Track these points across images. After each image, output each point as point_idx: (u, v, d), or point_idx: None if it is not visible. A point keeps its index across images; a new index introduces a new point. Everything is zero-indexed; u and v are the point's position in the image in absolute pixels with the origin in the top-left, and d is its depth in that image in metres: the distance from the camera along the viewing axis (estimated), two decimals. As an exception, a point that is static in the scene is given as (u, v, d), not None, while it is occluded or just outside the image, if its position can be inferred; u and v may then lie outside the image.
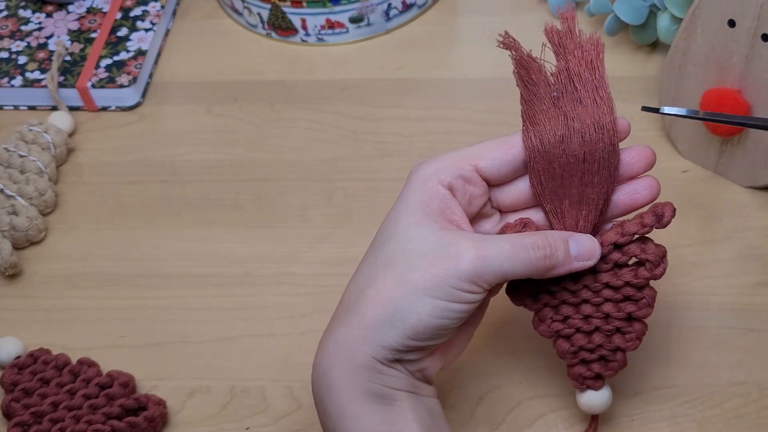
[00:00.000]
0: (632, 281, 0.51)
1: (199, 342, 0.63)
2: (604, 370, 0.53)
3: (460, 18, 0.84)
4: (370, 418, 0.47)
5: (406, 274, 0.47)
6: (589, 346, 0.52)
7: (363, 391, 0.47)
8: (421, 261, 0.47)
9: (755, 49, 0.61)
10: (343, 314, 0.49)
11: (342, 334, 0.48)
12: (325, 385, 0.48)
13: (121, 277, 0.67)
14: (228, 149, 0.75)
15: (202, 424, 0.60)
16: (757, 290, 0.62)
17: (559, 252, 0.49)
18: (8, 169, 0.72)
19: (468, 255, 0.47)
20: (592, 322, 0.52)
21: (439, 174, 0.50)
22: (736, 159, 0.67)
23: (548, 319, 0.52)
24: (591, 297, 0.51)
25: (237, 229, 0.70)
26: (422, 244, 0.48)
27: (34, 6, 0.85)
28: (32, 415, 0.58)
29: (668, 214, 0.50)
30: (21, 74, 0.79)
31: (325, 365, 0.48)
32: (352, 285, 0.50)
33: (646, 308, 0.51)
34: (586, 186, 0.50)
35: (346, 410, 0.47)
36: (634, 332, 0.52)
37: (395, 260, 0.48)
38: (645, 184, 0.51)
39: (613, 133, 0.50)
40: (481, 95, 0.77)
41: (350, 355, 0.47)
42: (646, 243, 0.51)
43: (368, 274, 0.49)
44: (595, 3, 0.77)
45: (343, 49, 0.82)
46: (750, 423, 0.56)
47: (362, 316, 0.48)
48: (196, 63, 0.82)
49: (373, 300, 0.48)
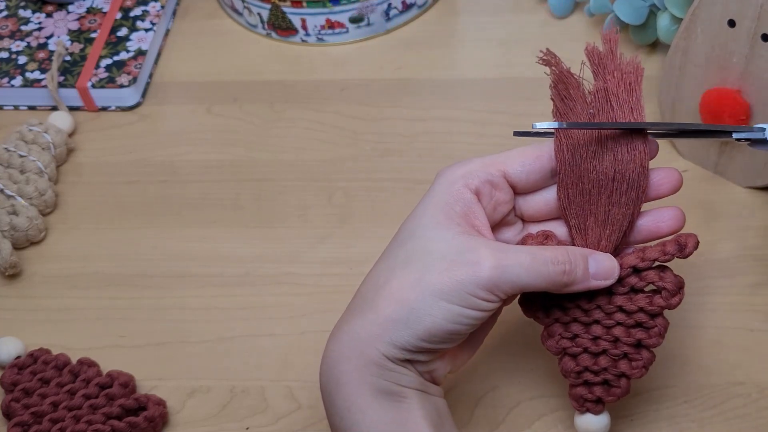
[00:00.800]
0: (646, 308, 0.50)
1: (199, 342, 0.63)
2: (606, 394, 0.52)
3: (460, 18, 0.84)
4: (378, 414, 0.47)
5: (424, 275, 0.47)
6: (595, 368, 0.52)
7: (372, 387, 0.47)
8: (440, 264, 0.47)
9: (755, 49, 0.61)
10: (358, 307, 0.49)
11: (355, 327, 0.48)
12: (334, 378, 0.48)
13: (121, 277, 0.67)
14: (228, 149, 0.75)
15: (202, 424, 0.60)
16: (757, 290, 0.62)
17: (579, 269, 0.49)
18: (8, 169, 0.72)
19: (487, 263, 0.47)
20: (600, 344, 0.51)
21: (467, 177, 0.50)
22: (736, 159, 0.67)
23: (557, 335, 0.52)
24: (603, 318, 0.51)
25: (237, 229, 0.70)
26: (442, 246, 0.48)
27: (34, 6, 0.85)
28: (32, 415, 0.58)
29: (691, 246, 0.50)
30: (21, 74, 0.79)
31: (335, 357, 0.48)
32: (370, 279, 0.50)
33: (656, 337, 0.51)
34: (613, 205, 0.50)
35: (354, 404, 0.47)
36: (642, 360, 0.51)
37: (414, 260, 0.48)
38: (671, 214, 0.51)
39: (644, 155, 0.50)
40: (481, 95, 0.77)
41: (361, 349, 0.48)
42: (665, 271, 0.50)
43: (387, 270, 0.49)
44: (595, 3, 0.77)
45: (343, 49, 0.82)
46: (750, 423, 0.57)
47: (377, 312, 0.48)
48: (196, 63, 0.82)
49: (389, 297, 0.48)
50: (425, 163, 0.72)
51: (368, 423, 0.47)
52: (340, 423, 0.48)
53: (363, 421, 0.47)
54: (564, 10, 0.82)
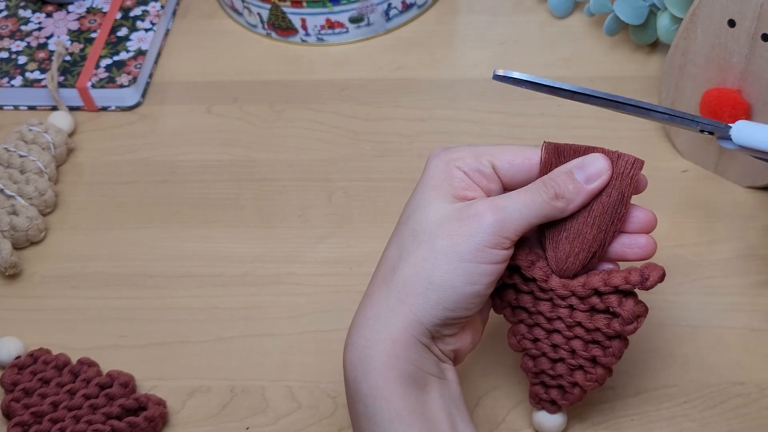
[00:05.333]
0: (603, 329, 0.51)
1: (199, 342, 0.63)
2: (560, 398, 0.54)
3: (460, 18, 0.84)
4: (402, 402, 0.47)
5: (434, 242, 0.48)
6: (551, 372, 0.54)
7: (399, 373, 0.48)
8: (446, 227, 0.49)
9: (755, 49, 0.61)
10: (377, 291, 0.50)
11: (380, 312, 0.49)
12: (362, 364, 0.48)
13: (121, 277, 0.67)
14: (228, 149, 0.75)
15: (202, 424, 0.60)
16: (757, 290, 0.62)
17: (567, 185, 0.50)
18: (8, 169, 0.72)
19: (488, 211, 0.48)
20: (559, 352, 0.53)
21: (457, 161, 0.51)
22: (736, 159, 0.67)
23: (520, 335, 0.54)
24: (563, 329, 0.52)
25: (237, 229, 0.70)
26: (444, 212, 0.49)
27: (34, 6, 0.85)
28: (32, 415, 0.58)
29: (653, 279, 0.50)
30: (21, 74, 0.79)
31: (363, 344, 0.49)
32: (384, 262, 0.51)
33: (611, 357, 0.52)
34: (587, 226, 0.50)
35: (380, 391, 0.47)
36: (596, 375, 0.52)
37: (420, 234, 0.49)
38: (642, 243, 0.51)
39: (628, 184, 0.50)
40: (481, 95, 0.77)
41: (389, 333, 0.48)
42: (627, 298, 0.51)
43: (398, 249, 0.50)
44: (595, 3, 0.77)
45: (343, 49, 0.82)
46: (750, 423, 0.57)
47: (398, 292, 0.49)
48: (196, 63, 0.82)
49: (407, 274, 0.49)
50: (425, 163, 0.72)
51: (392, 410, 0.47)
52: (365, 411, 0.48)
53: (387, 408, 0.47)
54: (564, 10, 0.82)
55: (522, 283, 0.52)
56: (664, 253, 0.65)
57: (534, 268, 0.51)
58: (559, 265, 0.51)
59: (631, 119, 0.73)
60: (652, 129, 0.72)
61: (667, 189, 0.69)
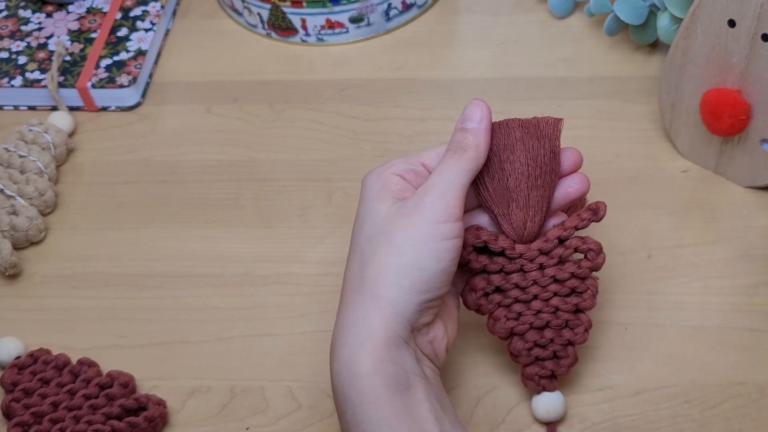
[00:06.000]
0: (576, 272, 0.55)
1: (199, 342, 0.63)
2: (557, 367, 0.56)
3: (460, 18, 0.84)
4: (388, 405, 0.48)
5: (391, 238, 0.51)
6: (542, 341, 0.55)
7: (384, 376, 0.48)
8: (396, 222, 0.51)
9: (755, 49, 0.61)
10: (350, 301, 0.51)
11: (357, 316, 0.50)
12: (348, 371, 0.49)
13: (121, 277, 0.67)
14: (228, 149, 0.75)
15: (202, 424, 0.60)
16: (757, 290, 0.62)
17: (465, 137, 0.54)
18: (8, 169, 0.72)
19: (424, 195, 0.52)
20: (542, 317, 0.55)
21: (390, 169, 0.54)
22: (736, 159, 0.67)
23: (502, 317, 0.56)
24: (540, 292, 0.55)
25: (237, 229, 0.70)
26: (390, 211, 0.52)
27: (34, 6, 0.85)
28: (32, 415, 0.58)
29: (602, 209, 0.55)
30: (21, 74, 0.79)
31: (347, 351, 0.50)
32: (349, 276, 0.53)
33: (590, 299, 0.55)
34: (531, 190, 0.54)
35: (367, 397, 0.48)
36: (582, 324, 0.55)
37: (376, 234, 0.52)
38: (578, 179, 0.56)
39: (555, 140, 0.55)
40: (481, 95, 0.76)
41: (370, 334, 0.49)
42: (585, 237, 0.55)
43: (359, 259, 0.52)
44: (595, 3, 0.77)
45: (343, 49, 0.82)
46: (750, 423, 0.57)
47: (371, 291, 0.50)
48: (196, 63, 0.82)
49: (376, 272, 0.51)
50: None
51: (379, 415, 0.48)
52: (353, 418, 0.48)
53: (375, 413, 0.48)
54: (564, 10, 0.82)
55: (490, 263, 0.55)
56: (665, 253, 0.65)
57: (499, 240, 0.55)
58: (519, 233, 0.55)
59: (631, 119, 0.74)
60: (652, 129, 0.72)
61: (667, 189, 0.69)
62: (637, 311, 0.62)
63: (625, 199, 0.68)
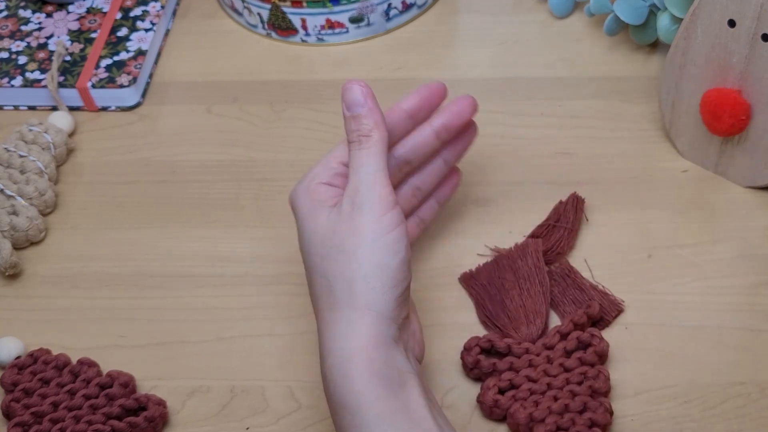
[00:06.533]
0: (583, 357, 0.57)
1: (199, 342, 0.63)
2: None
3: (460, 18, 0.84)
4: (386, 403, 0.48)
5: (343, 248, 0.51)
6: (564, 424, 0.55)
7: (379, 376, 0.49)
8: (341, 232, 0.51)
9: (755, 49, 0.61)
10: (329, 319, 0.51)
11: (340, 328, 0.50)
12: (343, 378, 0.49)
13: (121, 277, 0.67)
14: (228, 149, 0.75)
15: (202, 424, 0.60)
16: (757, 290, 0.62)
17: (359, 123, 0.54)
18: (8, 169, 0.72)
19: (350, 195, 0.52)
20: (560, 403, 0.55)
21: (314, 180, 0.55)
22: (736, 159, 0.67)
23: (520, 408, 0.56)
24: (552, 381, 0.57)
25: (237, 229, 0.70)
26: (329, 224, 0.52)
27: (34, 6, 0.85)
28: (32, 415, 0.58)
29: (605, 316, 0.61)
30: (21, 74, 0.79)
31: (339, 361, 0.50)
32: (318, 298, 0.53)
33: (604, 383, 0.56)
34: (526, 300, 0.60)
35: (365, 396, 0.48)
36: (602, 405, 0.55)
37: (328, 249, 0.52)
38: (465, 102, 0.61)
39: (537, 256, 0.62)
40: (481, 95, 0.76)
41: (359, 340, 0.49)
42: (589, 330, 0.59)
43: (322, 279, 0.52)
44: (595, 3, 0.77)
45: (343, 49, 0.82)
46: (750, 423, 0.56)
47: (348, 304, 0.50)
48: (196, 63, 0.82)
49: (344, 286, 0.51)
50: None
51: (378, 413, 0.48)
52: (351, 421, 0.48)
53: (373, 412, 0.48)
54: (564, 10, 0.82)
55: (499, 362, 0.58)
56: (665, 253, 0.65)
57: (504, 339, 0.58)
58: (523, 338, 0.59)
59: (631, 119, 0.74)
60: (652, 129, 0.72)
61: (667, 189, 0.69)
62: (637, 311, 0.62)
63: (625, 199, 0.68)
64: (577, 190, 0.67)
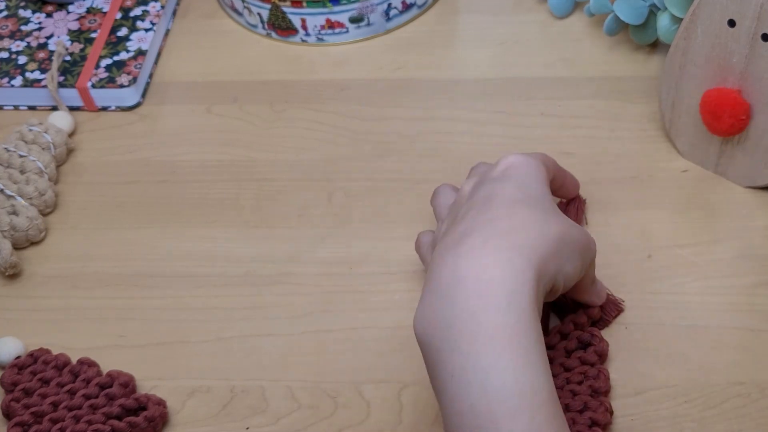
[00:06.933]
0: (583, 357, 0.58)
1: (199, 342, 0.63)
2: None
3: (460, 18, 0.84)
4: (525, 354, 0.44)
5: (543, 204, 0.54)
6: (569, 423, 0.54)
7: (532, 321, 0.45)
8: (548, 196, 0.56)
9: (755, 49, 0.61)
10: (471, 241, 0.48)
11: (490, 263, 0.46)
12: (471, 331, 0.44)
13: (121, 277, 0.67)
14: (228, 149, 0.75)
15: (202, 424, 0.60)
16: (757, 290, 0.62)
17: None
18: (8, 169, 0.72)
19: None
20: (561, 401, 0.54)
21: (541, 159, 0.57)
22: (736, 159, 0.67)
23: None
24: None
25: (237, 229, 0.70)
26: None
27: (34, 6, 0.85)
28: (32, 415, 0.58)
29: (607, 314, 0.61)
30: (21, 74, 0.79)
31: (471, 309, 0.44)
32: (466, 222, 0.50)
33: (605, 382, 0.56)
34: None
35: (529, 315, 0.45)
36: (602, 404, 0.55)
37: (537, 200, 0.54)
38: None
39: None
40: (481, 95, 0.77)
41: (515, 286, 0.45)
42: (589, 329, 0.59)
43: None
44: (595, 3, 0.77)
45: (343, 49, 0.82)
46: (750, 423, 0.56)
47: (507, 238, 0.48)
48: (196, 63, 0.82)
49: (515, 226, 0.50)
50: (425, 163, 0.72)
51: (509, 362, 0.43)
52: (465, 360, 0.44)
53: (504, 359, 0.44)
54: (564, 10, 0.82)
55: None
56: (665, 253, 0.65)
57: None
58: None
59: (631, 119, 0.74)
60: (652, 129, 0.72)
61: (667, 189, 0.69)
62: (637, 311, 0.62)
63: (625, 199, 0.68)
64: (577, 190, 0.67)
